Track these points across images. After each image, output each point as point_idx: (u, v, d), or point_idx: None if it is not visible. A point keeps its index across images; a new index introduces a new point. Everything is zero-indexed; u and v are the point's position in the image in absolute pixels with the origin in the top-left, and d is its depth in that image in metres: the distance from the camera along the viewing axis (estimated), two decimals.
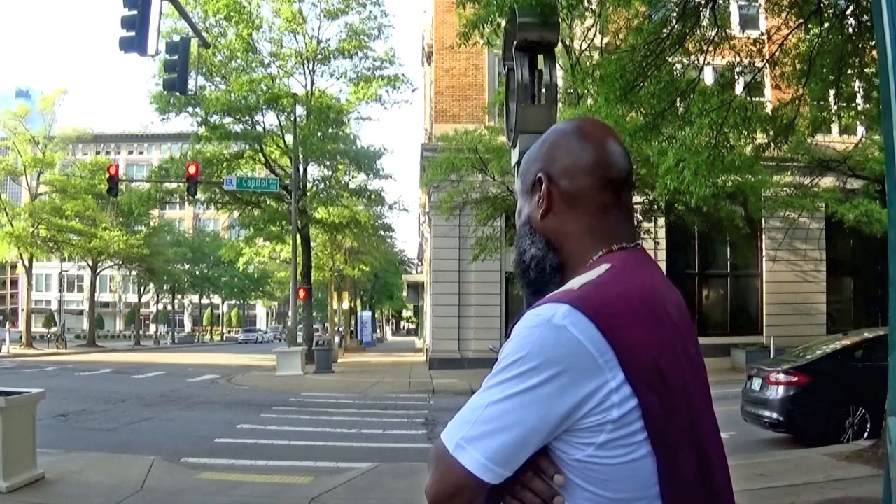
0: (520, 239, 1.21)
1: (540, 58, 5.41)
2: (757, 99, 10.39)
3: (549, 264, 1.16)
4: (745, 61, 9.18)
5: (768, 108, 10.31)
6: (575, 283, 1.08)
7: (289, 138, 24.84)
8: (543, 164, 1.18)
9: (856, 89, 10.13)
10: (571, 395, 0.99)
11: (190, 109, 24.56)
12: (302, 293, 25.12)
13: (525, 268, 1.20)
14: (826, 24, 8.37)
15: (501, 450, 0.99)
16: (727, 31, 9.04)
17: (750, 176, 14.46)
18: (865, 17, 7.65)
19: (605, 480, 1.01)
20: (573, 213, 1.16)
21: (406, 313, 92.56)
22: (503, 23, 6.28)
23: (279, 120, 25.91)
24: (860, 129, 17.74)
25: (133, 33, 10.76)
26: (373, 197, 28.42)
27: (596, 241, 1.14)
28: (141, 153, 79.60)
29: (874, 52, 6.28)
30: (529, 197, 1.20)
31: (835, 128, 17.57)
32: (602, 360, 0.99)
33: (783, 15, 9.04)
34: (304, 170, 26.53)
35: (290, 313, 26.81)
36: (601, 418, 1.00)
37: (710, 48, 8.75)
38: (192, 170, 21.59)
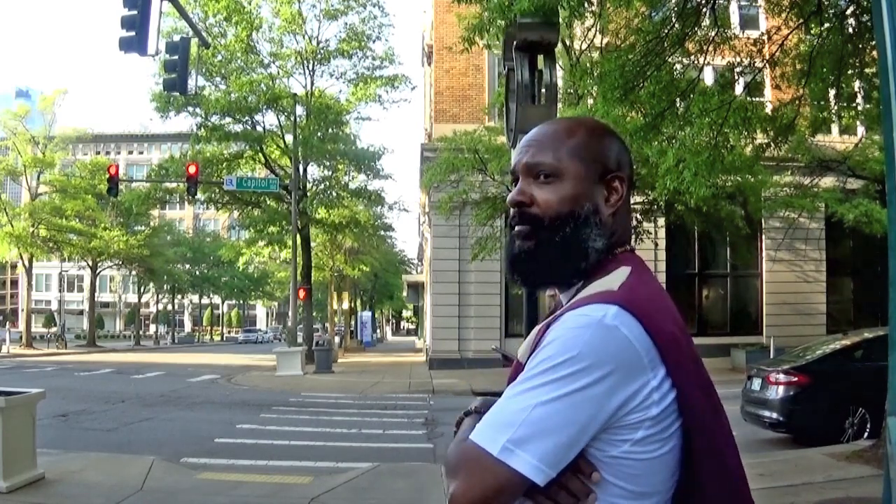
0: (580, 227, 1.15)
1: (540, 58, 5.41)
2: (757, 99, 10.39)
3: (601, 259, 1.16)
4: (745, 61, 9.17)
5: (768, 109, 10.31)
6: (607, 284, 1.11)
7: (289, 138, 24.85)
8: (616, 163, 1.19)
9: (856, 89, 10.13)
10: (619, 394, 1.02)
11: (190, 109, 24.56)
12: (302, 293, 25.11)
13: (583, 257, 1.15)
14: (826, 25, 8.37)
15: (554, 451, 0.99)
16: (727, 31, 9.03)
17: (750, 176, 14.46)
18: (865, 18, 7.64)
19: (636, 475, 1.05)
20: (622, 216, 1.20)
21: (406, 313, 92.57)
22: (503, 24, 6.27)
23: (279, 120, 25.92)
24: (860, 129, 17.73)
25: (133, 33, 10.75)
26: (373, 197, 28.42)
27: (621, 242, 1.19)
28: (141, 153, 79.57)
29: (874, 53, 6.28)
30: (595, 186, 1.17)
31: (835, 128, 17.58)
32: (647, 359, 1.03)
33: (783, 15, 9.03)
34: (304, 170, 26.53)
35: (290, 313, 26.80)
36: (642, 415, 1.03)
37: (710, 48, 8.75)
38: (191, 170, 21.58)
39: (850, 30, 8.25)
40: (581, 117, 1.37)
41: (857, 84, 9.87)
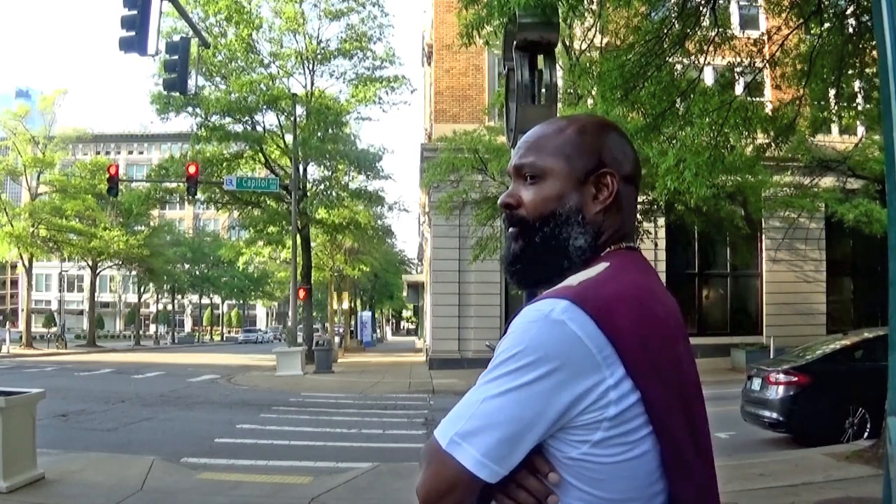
0: (561, 226, 1.14)
1: (540, 58, 5.41)
2: (757, 99, 10.39)
3: (587, 257, 1.14)
4: (746, 61, 9.17)
5: (768, 109, 10.30)
6: (573, 279, 1.08)
7: (289, 138, 24.84)
8: (609, 159, 1.15)
9: (856, 89, 10.13)
10: (569, 392, 0.98)
11: (190, 109, 24.55)
12: (302, 293, 25.11)
13: (564, 256, 1.14)
14: (826, 25, 8.37)
15: (497, 446, 0.97)
16: (727, 31, 9.02)
17: (750, 176, 14.46)
18: (866, 18, 7.64)
19: (600, 479, 1.01)
20: (617, 213, 1.16)
21: (406, 313, 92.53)
22: (503, 21, 6.27)
23: (279, 120, 25.92)
24: (860, 129, 17.74)
25: (133, 33, 10.75)
26: (373, 198, 28.43)
27: (615, 239, 1.16)
28: (141, 153, 79.58)
29: (874, 53, 6.28)
30: (583, 184, 1.14)
31: (835, 128, 17.58)
32: (600, 357, 0.99)
33: (783, 15, 9.04)
34: (304, 170, 26.54)
35: (290, 313, 26.80)
36: (598, 415, 0.99)
37: (711, 48, 8.74)
38: (191, 170, 21.59)
39: (850, 30, 8.25)
40: (580, 115, 1.35)
41: (857, 84, 9.87)
